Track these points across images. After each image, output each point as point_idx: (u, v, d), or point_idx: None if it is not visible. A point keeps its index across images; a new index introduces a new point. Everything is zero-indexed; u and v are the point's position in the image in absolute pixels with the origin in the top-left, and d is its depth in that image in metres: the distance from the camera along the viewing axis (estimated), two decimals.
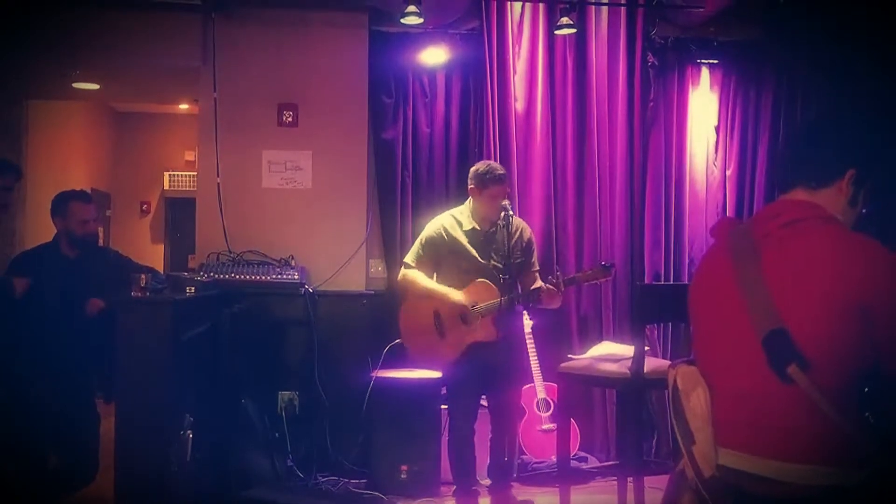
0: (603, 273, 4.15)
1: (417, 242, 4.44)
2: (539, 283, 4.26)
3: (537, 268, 4.45)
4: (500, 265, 4.21)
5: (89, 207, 4.65)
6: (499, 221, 4.22)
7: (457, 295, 4.21)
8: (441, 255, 4.34)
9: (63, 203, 4.59)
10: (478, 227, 4.28)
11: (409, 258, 4.42)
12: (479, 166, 4.34)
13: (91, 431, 4.56)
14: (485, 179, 4.24)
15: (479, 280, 4.19)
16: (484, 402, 4.48)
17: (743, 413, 1.96)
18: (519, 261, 4.29)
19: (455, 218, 4.36)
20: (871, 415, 1.86)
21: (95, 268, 4.60)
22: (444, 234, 4.33)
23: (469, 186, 4.33)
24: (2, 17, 5.05)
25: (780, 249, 1.96)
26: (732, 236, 2.08)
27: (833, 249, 1.91)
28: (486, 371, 4.19)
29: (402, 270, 4.46)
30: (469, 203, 4.36)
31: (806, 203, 2.02)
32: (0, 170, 4.44)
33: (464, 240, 4.29)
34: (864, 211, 2.06)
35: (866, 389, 1.87)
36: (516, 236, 4.28)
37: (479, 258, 4.25)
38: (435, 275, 4.39)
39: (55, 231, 4.65)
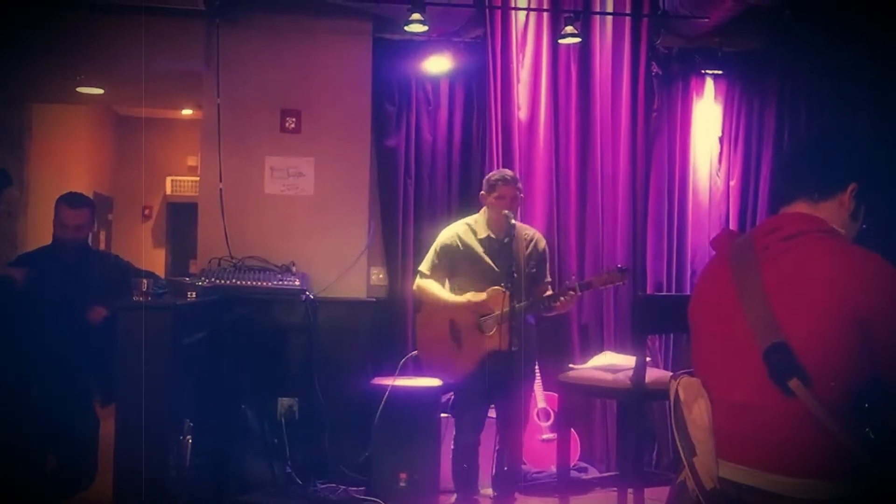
0: (619, 276, 4.10)
1: (432, 250, 4.41)
2: (550, 292, 4.25)
3: (549, 279, 4.44)
4: (514, 275, 4.11)
5: (77, 213, 4.48)
6: (511, 230, 4.19)
7: (473, 296, 4.17)
8: (455, 263, 4.32)
9: (55, 205, 4.56)
10: (493, 236, 4.26)
11: (424, 267, 4.41)
12: (492, 173, 4.41)
13: (90, 434, 4.54)
14: (493, 181, 4.27)
15: (493, 288, 4.14)
16: (491, 414, 4.46)
17: (743, 426, 1.95)
18: (533, 271, 4.28)
19: (469, 226, 4.35)
20: (871, 430, 1.85)
21: (95, 272, 4.59)
22: (458, 241, 4.32)
23: (480, 193, 4.37)
24: (6, 20, 5.05)
25: (781, 262, 1.95)
26: (733, 248, 2.07)
27: (834, 263, 1.90)
28: (497, 381, 4.12)
29: (417, 280, 4.44)
30: (483, 212, 4.36)
31: (807, 216, 2.01)
32: None
33: (478, 248, 4.28)
34: (863, 226, 2.05)
35: (866, 405, 1.86)
36: (531, 247, 4.28)
37: (494, 266, 4.22)
38: (447, 283, 4.37)
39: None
